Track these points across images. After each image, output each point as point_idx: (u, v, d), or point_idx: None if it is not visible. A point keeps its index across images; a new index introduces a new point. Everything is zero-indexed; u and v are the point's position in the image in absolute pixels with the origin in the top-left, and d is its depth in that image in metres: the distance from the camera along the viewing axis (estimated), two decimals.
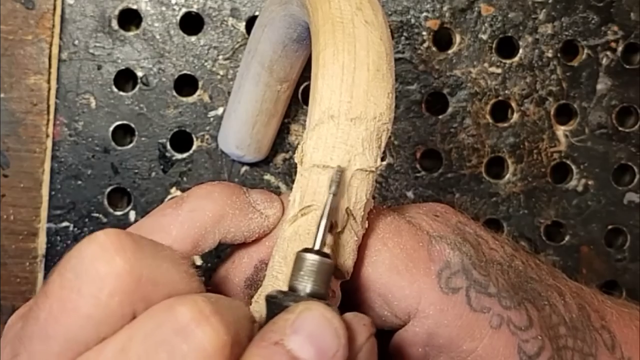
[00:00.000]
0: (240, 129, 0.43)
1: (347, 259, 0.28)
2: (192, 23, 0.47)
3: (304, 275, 0.25)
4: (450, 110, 0.47)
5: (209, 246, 0.29)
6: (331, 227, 0.27)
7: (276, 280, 0.28)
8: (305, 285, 0.25)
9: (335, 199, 0.27)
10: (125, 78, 0.47)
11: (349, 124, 0.27)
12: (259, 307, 0.28)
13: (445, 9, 0.47)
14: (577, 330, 0.31)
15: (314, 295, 0.25)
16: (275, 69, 0.39)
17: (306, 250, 0.26)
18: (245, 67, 0.40)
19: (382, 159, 0.28)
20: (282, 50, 0.37)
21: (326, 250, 0.26)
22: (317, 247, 0.26)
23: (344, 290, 0.29)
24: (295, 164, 0.28)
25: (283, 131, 0.46)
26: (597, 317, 0.32)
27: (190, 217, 0.28)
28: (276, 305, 0.25)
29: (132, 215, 0.47)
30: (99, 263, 0.23)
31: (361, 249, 0.29)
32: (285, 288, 0.27)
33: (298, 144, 0.32)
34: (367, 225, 0.29)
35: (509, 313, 0.30)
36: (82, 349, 0.23)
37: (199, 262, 0.28)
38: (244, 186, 0.31)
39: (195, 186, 0.30)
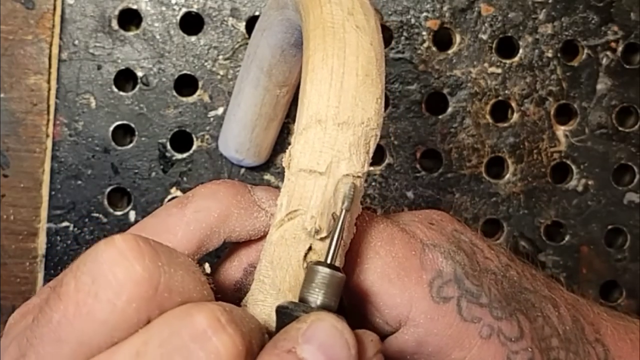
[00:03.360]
0: (240, 133, 0.43)
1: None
2: (192, 23, 0.47)
3: (315, 287, 0.25)
4: (450, 110, 0.47)
5: (214, 245, 0.29)
6: (317, 232, 0.27)
7: (262, 285, 0.28)
8: (317, 297, 0.25)
9: (349, 214, 0.27)
10: (125, 78, 0.47)
11: (336, 128, 0.27)
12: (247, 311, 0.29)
13: (445, 9, 0.47)
14: (570, 342, 0.31)
15: (324, 308, 0.25)
16: (274, 73, 0.39)
17: (319, 263, 0.26)
18: (245, 71, 0.40)
19: (374, 164, 0.28)
20: (280, 54, 0.37)
21: (337, 264, 0.26)
22: (329, 261, 0.26)
23: None
24: None
25: (283, 131, 0.46)
26: (591, 330, 0.32)
27: (195, 217, 0.28)
28: (287, 315, 0.25)
29: (132, 215, 0.47)
30: (118, 269, 0.23)
31: (354, 256, 0.29)
32: (272, 292, 0.27)
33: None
34: (355, 231, 0.29)
35: (500, 324, 0.30)
36: (95, 352, 0.23)
37: (208, 270, 0.28)
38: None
39: (200, 185, 0.30)
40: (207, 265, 0.28)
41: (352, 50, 0.27)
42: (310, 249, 0.28)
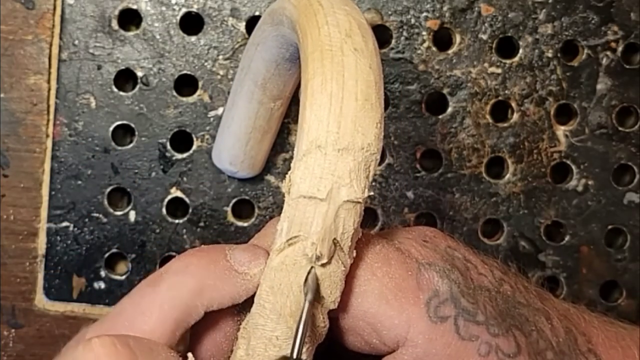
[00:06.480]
0: (234, 146, 0.43)
1: (335, 288, 0.28)
2: (192, 23, 0.47)
3: None
4: (450, 110, 0.47)
5: (195, 319, 0.29)
6: (317, 258, 0.27)
7: (263, 309, 0.28)
8: None
9: (312, 305, 0.27)
10: (125, 78, 0.47)
11: (337, 154, 0.27)
12: (246, 334, 0.29)
13: (445, 9, 0.47)
14: (564, 354, 0.31)
15: None
16: (268, 87, 0.39)
17: (285, 358, 0.26)
18: (239, 84, 0.40)
19: (370, 189, 0.28)
20: (275, 68, 0.37)
21: (304, 357, 0.27)
22: (295, 355, 0.26)
23: (332, 317, 0.30)
24: None
25: (283, 131, 0.46)
26: (583, 340, 0.32)
27: (169, 296, 0.28)
28: None
29: (132, 215, 0.47)
30: None
31: (351, 278, 0.29)
32: (272, 316, 0.28)
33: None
34: (355, 255, 0.29)
35: (497, 340, 0.30)
36: None
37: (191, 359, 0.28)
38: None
39: (174, 259, 0.30)
40: (190, 356, 0.28)
41: (351, 74, 0.27)
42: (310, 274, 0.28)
